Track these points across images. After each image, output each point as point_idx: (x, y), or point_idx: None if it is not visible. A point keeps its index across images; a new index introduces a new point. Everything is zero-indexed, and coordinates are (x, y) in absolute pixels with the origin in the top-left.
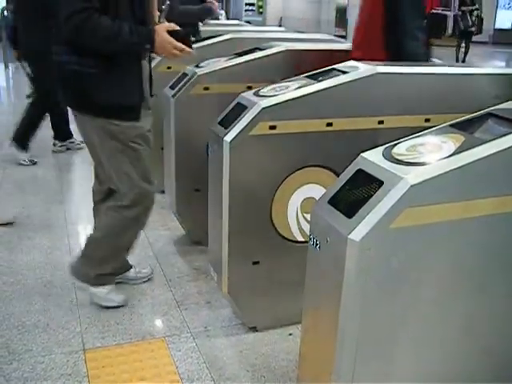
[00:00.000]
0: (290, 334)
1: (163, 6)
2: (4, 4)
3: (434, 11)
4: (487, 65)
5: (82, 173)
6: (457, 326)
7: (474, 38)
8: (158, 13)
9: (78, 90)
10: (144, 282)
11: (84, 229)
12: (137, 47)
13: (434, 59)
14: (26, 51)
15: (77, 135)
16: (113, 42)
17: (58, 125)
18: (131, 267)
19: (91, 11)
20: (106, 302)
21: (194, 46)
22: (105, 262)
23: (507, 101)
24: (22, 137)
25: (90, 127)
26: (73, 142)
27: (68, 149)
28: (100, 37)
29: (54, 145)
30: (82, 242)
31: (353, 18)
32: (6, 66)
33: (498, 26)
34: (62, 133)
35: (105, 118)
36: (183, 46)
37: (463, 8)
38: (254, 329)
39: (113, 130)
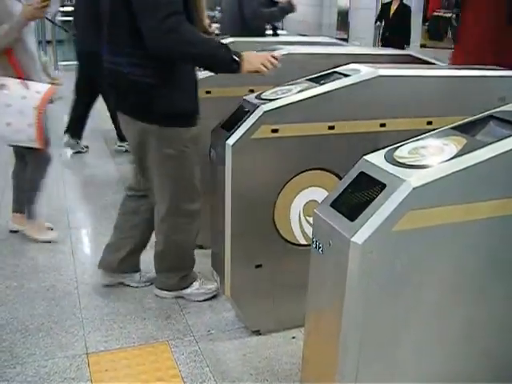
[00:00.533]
0: (293, 337)
1: (214, 13)
2: None
3: (435, 14)
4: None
5: (85, 177)
6: (458, 328)
7: None
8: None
9: (139, 99)
10: (147, 285)
11: (87, 233)
12: (223, 57)
13: (436, 61)
14: (79, 51)
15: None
16: (201, 49)
17: (76, 123)
18: (139, 270)
19: (184, 16)
20: (203, 295)
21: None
22: (180, 265)
23: (509, 103)
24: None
25: (145, 134)
26: (78, 144)
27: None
28: (192, 41)
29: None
30: (85, 245)
31: (354, 21)
32: None
33: None
34: (74, 131)
35: (164, 126)
36: (272, 58)
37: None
38: (257, 332)
39: (170, 136)
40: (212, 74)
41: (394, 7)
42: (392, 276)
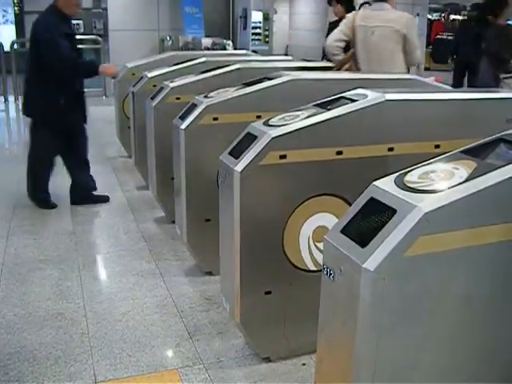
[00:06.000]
0: (304, 364)
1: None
2: (14, 37)
3: (438, 37)
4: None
5: (93, 204)
6: (473, 352)
7: None
8: None
9: None
10: None
11: (95, 260)
12: None
13: (441, 85)
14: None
15: None
16: None
17: None
18: None
19: None
20: None
21: (202, 75)
22: None
23: None
24: None
25: None
26: None
27: None
28: None
29: None
30: (93, 272)
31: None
32: (16, 99)
33: None
34: None
35: None
36: None
37: None
38: (267, 359)
39: None
40: (219, 100)
41: None
42: (404, 302)
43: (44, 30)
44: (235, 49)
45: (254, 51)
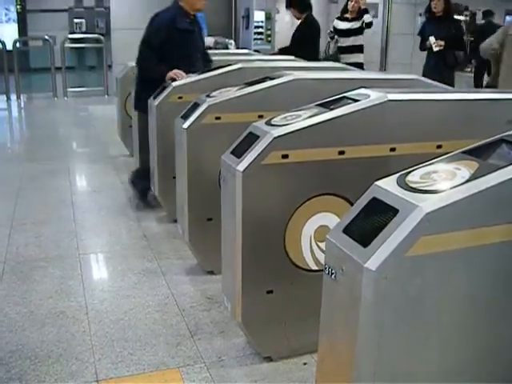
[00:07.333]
0: (305, 364)
1: None
2: (16, 36)
3: None
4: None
5: (94, 203)
6: (476, 353)
7: None
8: None
9: None
10: None
11: (96, 258)
12: None
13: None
14: None
15: None
16: None
17: None
18: None
19: None
20: None
21: (205, 75)
22: None
23: None
24: None
25: None
26: None
27: None
28: None
29: None
30: (95, 271)
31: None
32: (18, 97)
33: None
34: None
35: None
36: None
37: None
38: (268, 358)
39: None
40: (222, 99)
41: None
42: (406, 302)
43: (149, 25)
44: (237, 48)
45: (256, 51)
